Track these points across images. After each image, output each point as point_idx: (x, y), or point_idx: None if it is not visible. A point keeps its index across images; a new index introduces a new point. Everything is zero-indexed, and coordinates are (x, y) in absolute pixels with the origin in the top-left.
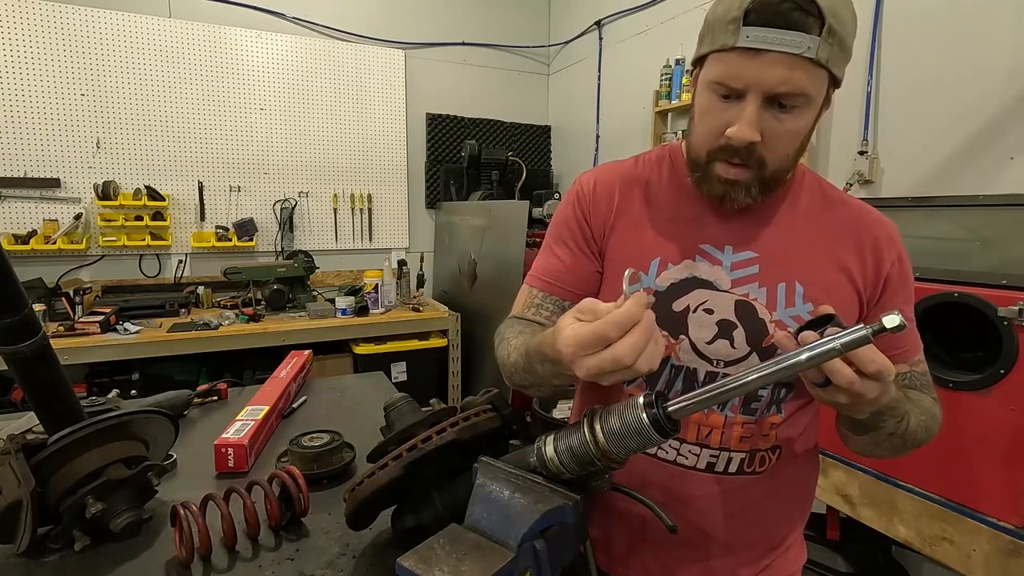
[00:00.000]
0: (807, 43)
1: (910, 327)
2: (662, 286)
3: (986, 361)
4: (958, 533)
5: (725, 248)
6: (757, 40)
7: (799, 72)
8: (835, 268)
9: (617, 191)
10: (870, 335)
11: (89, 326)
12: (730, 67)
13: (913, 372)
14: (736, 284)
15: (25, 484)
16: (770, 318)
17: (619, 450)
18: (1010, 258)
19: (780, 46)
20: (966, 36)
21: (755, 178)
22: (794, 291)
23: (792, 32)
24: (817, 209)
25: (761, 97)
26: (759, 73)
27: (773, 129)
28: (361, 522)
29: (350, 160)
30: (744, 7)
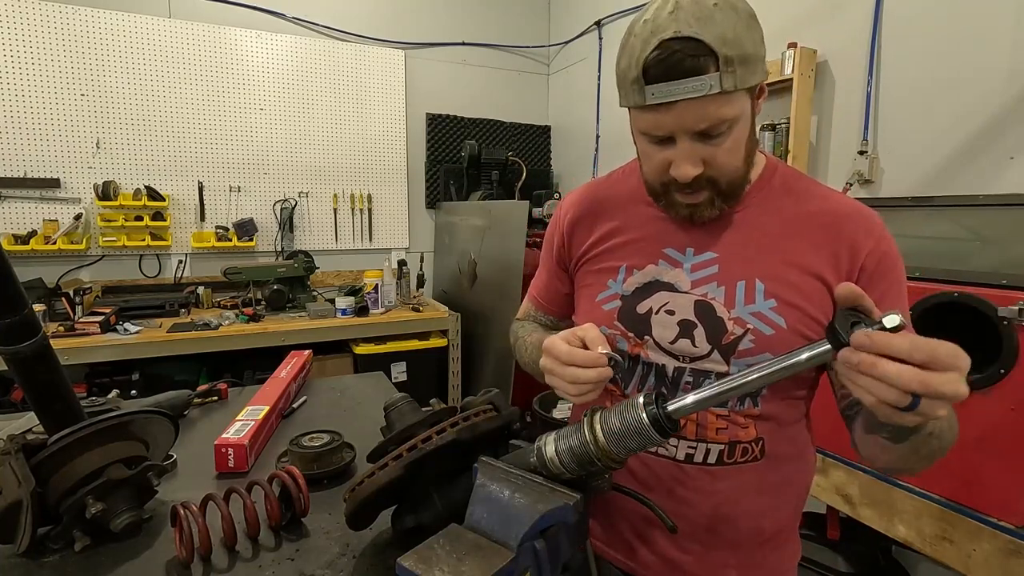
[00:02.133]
0: (708, 82)
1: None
2: (628, 291)
3: (986, 361)
4: (958, 533)
5: (687, 251)
6: (662, 95)
7: (712, 108)
8: (801, 264)
9: (592, 215)
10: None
11: (89, 326)
12: (648, 121)
13: None
14: (696, 285)
15: (25, 484)
16: (728, 315)
17: (619, 450)
18: (1010, 258)
19: (684, 94)
20: (966, 36)
21: (713, 195)
22: (754, 288)
23: (691, 80)
24: (785, 206)
25: (687, 136)
26: (676, 121)
27: (711, 155)
28: (361, 522)
29: (350, 160)
30: (641, 67)
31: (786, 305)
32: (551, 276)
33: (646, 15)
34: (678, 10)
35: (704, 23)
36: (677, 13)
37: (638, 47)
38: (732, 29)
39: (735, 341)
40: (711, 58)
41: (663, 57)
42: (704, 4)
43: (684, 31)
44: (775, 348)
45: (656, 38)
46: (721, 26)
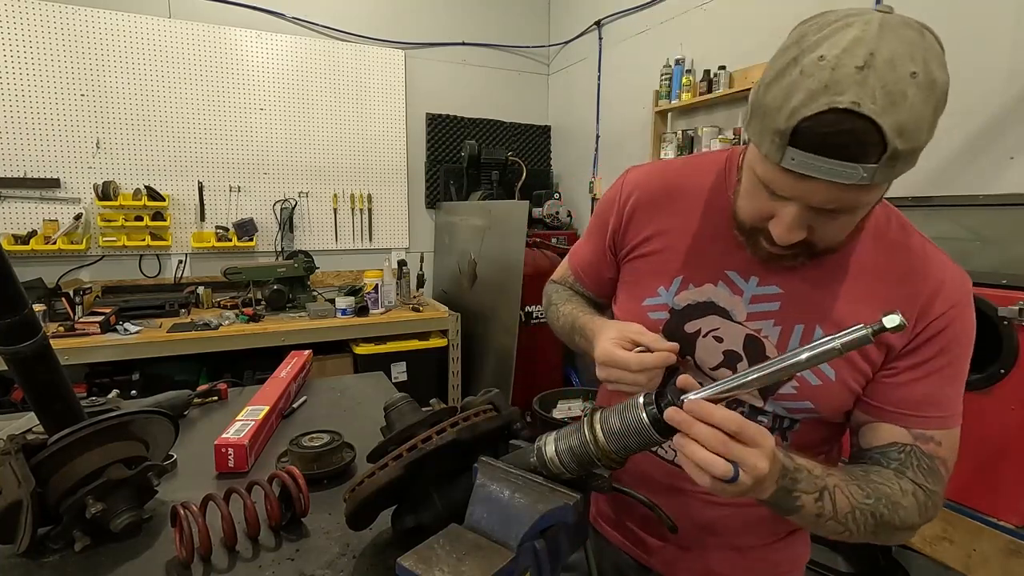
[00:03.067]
0: (860, 173)
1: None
2: (679, 305)
3: (986, 361)
4: (958, 533)
5: (751, 278)
6: (804, 167)
7: (850, 195)
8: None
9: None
10: (870, 335)
11: (89, 326)
12: (773, 178)
13: (915, 447)
14: (751, 318)
15: (25, 484)
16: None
17: (619, 450)
18: (1010, 258)
19: (829, 176)
20: (966, 36)
21: (803, 253)
22: (812, 335)
23: (846, 164)
24: (870, 253)
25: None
26: (803, 193)
27: (820, 227)
28: (361, 522)
29: (350, 160)
30: (793, 123)
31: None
32: (597, 255)
33: (825, 49)
34: (869, 69)
35: (893, 103)
36: (867, 73)
37: (800, 94)
38: (919, 117)
39: (776, 385)
40: (878, 148)
41: (825, 129)
42: (902, 72)
43: (865, 106)
44: (818, 399)
45: (827, 99)
46: (908, 112)
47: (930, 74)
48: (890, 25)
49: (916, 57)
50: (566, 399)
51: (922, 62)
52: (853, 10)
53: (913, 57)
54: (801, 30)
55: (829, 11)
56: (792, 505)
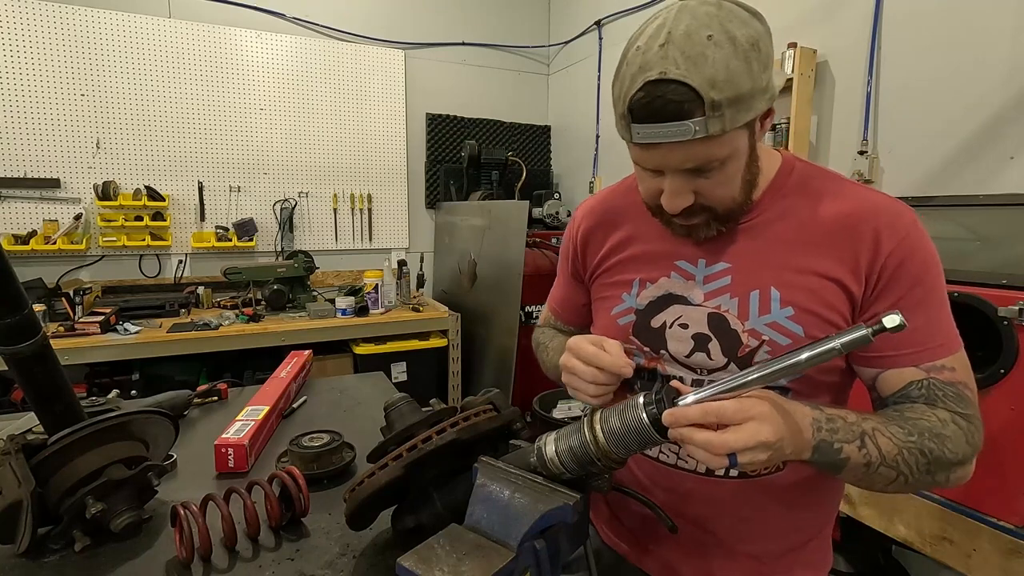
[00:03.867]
0: (692, 127)
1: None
2: (641, 304)
3: (986, 361)
4: (958, 533)
5: (699, 262)
6: (646, 136)
7: (699, 149)
8: (818, 269)
9: (597, 222)
10: (870, 335)
11: (89, 326)
12: (637, 155)
13: (931, 379)
14: (709, 296)
15: (25, 484)
16: (742, 328)
17: (619, 450)
18: (1010, 258)
19: (667, 138)
20: (966, 36)
21: (710, 219)
22: (769, 297)
23: (674, 124)
24: (801, 208)
25: (676, 172)
26: (661, 160)
27: (702, 187)
28: (361, 522)
29: (350, 160)
30: (627, 105)
31: (804, 312)
32: (568, 288)
33: (640, 40)
34: (669, 44)
35: (694, 64)
36: (667, 48)
37: (627, 81)
38: (725, 68)
39: (751, 353)
40: (698, 103)
41: (647, 101)
42: (697, 38)
43: (671, 72)
44: None
45: (642, 76)
46: (713, 67)
47: (727, 32)
48: (687, 7)
49: (712, 25)
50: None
51: (717, 26)
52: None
53: (708, 25)
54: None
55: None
56: (837, 459)
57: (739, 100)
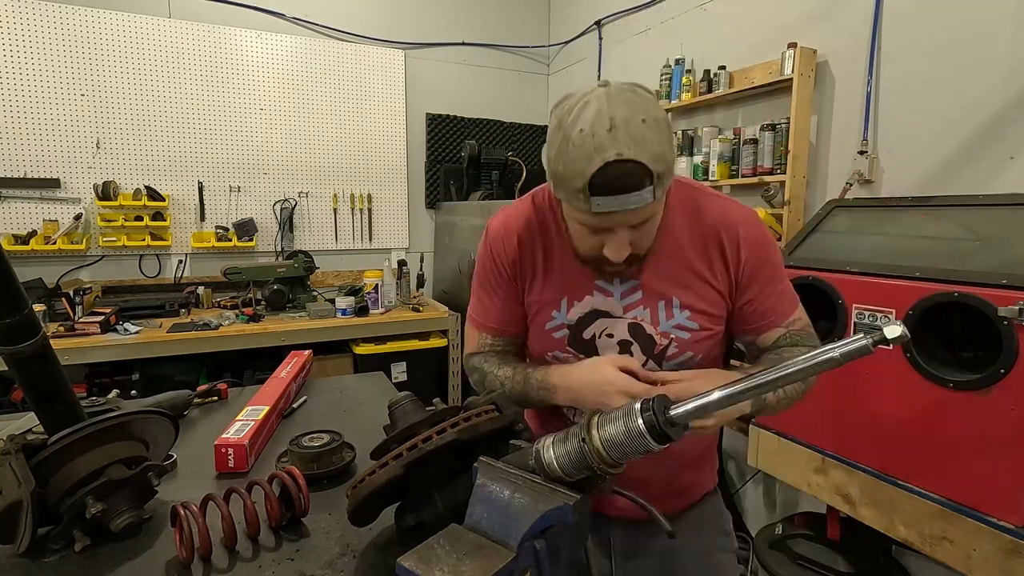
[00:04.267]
0: (646, 195)
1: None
2: (572, 320)
3: (986, 361)
4: (958, 533)
5: (614, 281)
6: (607, 206)
7: (647, 211)
8: (699, 273)
9: (521, 242)
10: (870, 345)
11: (89, 326)
12: (590, 221)
13: (791, 332)
14: (627, 309)
15: (25, 484)
16: (656, 332)
17: (616, 455)
18: (1010, 258)
19: (626, 206)
20: (966, 35)
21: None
22: (671, 304)
23: (633, 194)
24: (685, 224)
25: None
26: (616, 222)
27: (636, 239)
28: (363, 519)
29: (350, 160)
30: (586, 180)
31: (696, 312)
32: (506, 302)
33: (582, 124)
34: (615, 130)
35: (640, 145)
36: (616, 133)
37: (580, 161)
38: (659, 146)
39: (663, 350)
40: (648, 176)
41: (609, 179)
42: (635, 122)
43: (625, 154)
44: (692, 347)
45: (600, 157)
46: (652, 145)
47: (653, 116)
48: (613, 93)
49: (639, 109)
50: None
51: (644, 111)
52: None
53: (637, 110)
54: (557, 115)
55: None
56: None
57: (669, 169)
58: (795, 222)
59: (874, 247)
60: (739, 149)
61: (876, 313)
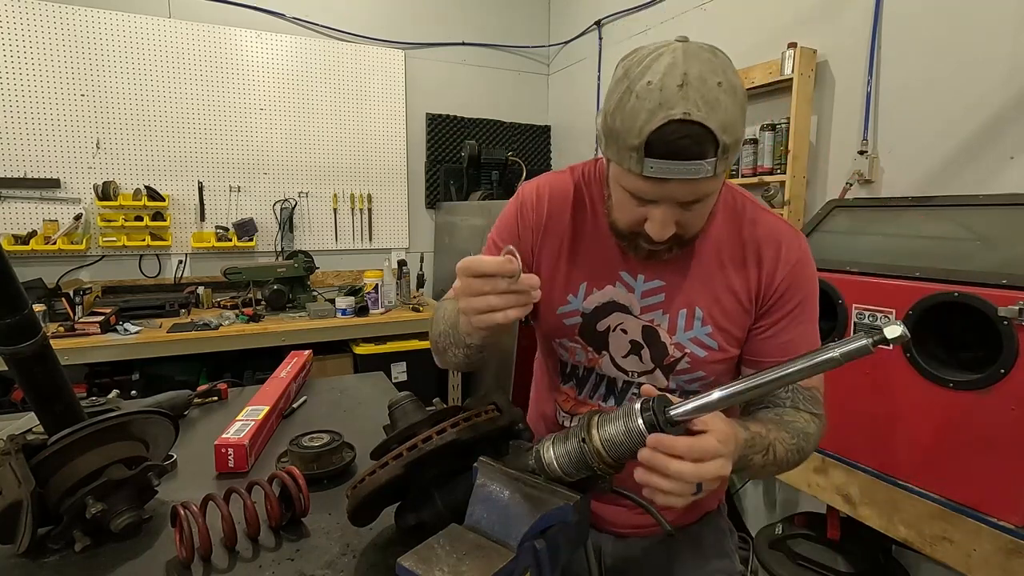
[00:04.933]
0: (706, 168)
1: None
2: (588, 308)
3: (986, 361)
4: (958, 533)
5: (638, 276)
6: (661, 171)
7: (702, 186)
8: (731, 288)
9: (552, 211)
10: (870, 345)
11: (89, 326)
12: (639, 186)
13: (796, 387)
14: (644, 311)
15: (25, 484)
16: (670, 341)
17: (616, 455)
18: (1010, 258)
19: (682, 175)
20: (966, 35)
21: (675, 245)
22: (693, 315)
23: (692, 162)
24: (725, 232)
25: (670, 204)
26: (666, 193)
27: (684, 219)
28: (363, 519)
29: (350, 160)
30: (644, 138)
31: (719, 330)
32: None
33: (650, 76)
34: (687, 87)
35: (712, 108)
36: (687, 90)
37: (642, 116)
38: (731, 115)
39: (674, 363)
40: (712, 145)
41: (670, 138)
42: (710, 84)
43: (694, 114)
44: (705, 367)
45: (664, 113)
46: (724, 113)
47: (731, 82)
48: (691, 51)
49: (717, 71)
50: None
51: (722, 74)
52: (659, 43)
53: (715, 71)
54: (624, 65)
55: (640, 47)
56: (745, 464)
57: (736, 144)
58: (795, 222)
59: (874, 247)
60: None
61: (876, 313)
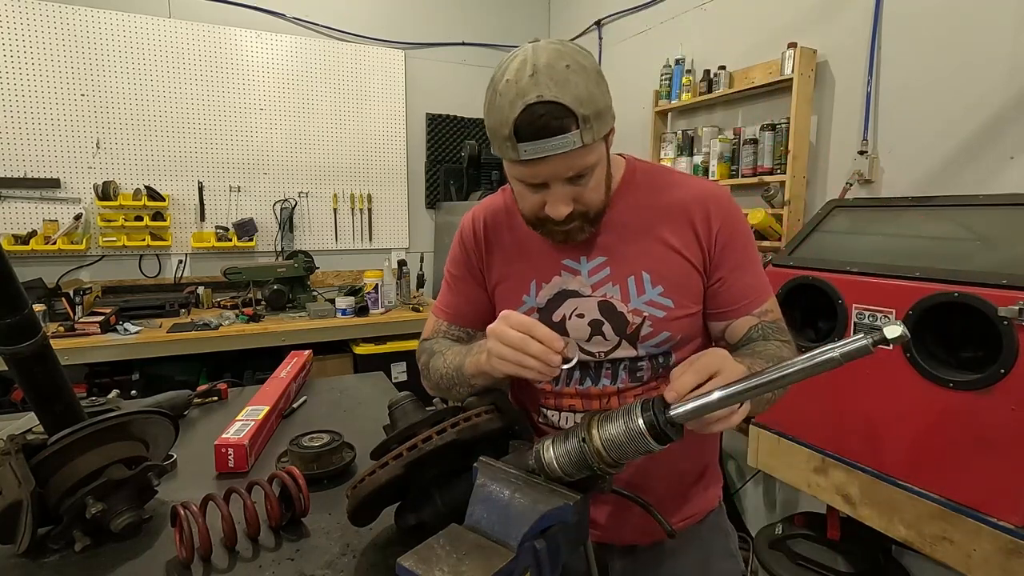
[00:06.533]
0: (572, 139)
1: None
2: (542, 303)
3: (986, 361)
4: (958, 533)
5: (580, 258)
6: (533, 152)
7: (577, 158)
8: (671, 249)
9: (488, 228)
10: (870, 345)
11: (89, 326)
12: (523, 172)
13: (763, 323)
14: (596, 287)
15: (25, 484)
16: (627, 309)
17: (616, 456)
18: (1010, 258)
19: (552, 151)
20: (966, 35)
21: (583, 223)
22: (642, 280)
23: (557, 138)
24: (649, 201)
25: (559, 182)
26: (548, 171)
27: (579, 195)
28: (363, 519)
29: (350, 160)
30: (511, 127)
31: (670, 288)
32: (470, 291)
33: (508, 75)
34: (537, 74)
35: (562, 87)
36: (537, 77)
37: (506, 108)
38: (585, 89)
39: (636, 329)
40: (572, 118)
41: (531, 120)
42: (558, 68)
43: (546, 95)
44: (668, 326)
45: (521, 101)
46: (576, 88)
47: (578, 63)
48: (539, 46)
49: (564, 56)
50: None
51: (569, 57)
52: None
53: (562, 56)
54: (492, 73)
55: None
56: None
57: (600, 115)
58: (795, 222)
59: (874, 247)
60: (739, 149)
61: (876, 313)
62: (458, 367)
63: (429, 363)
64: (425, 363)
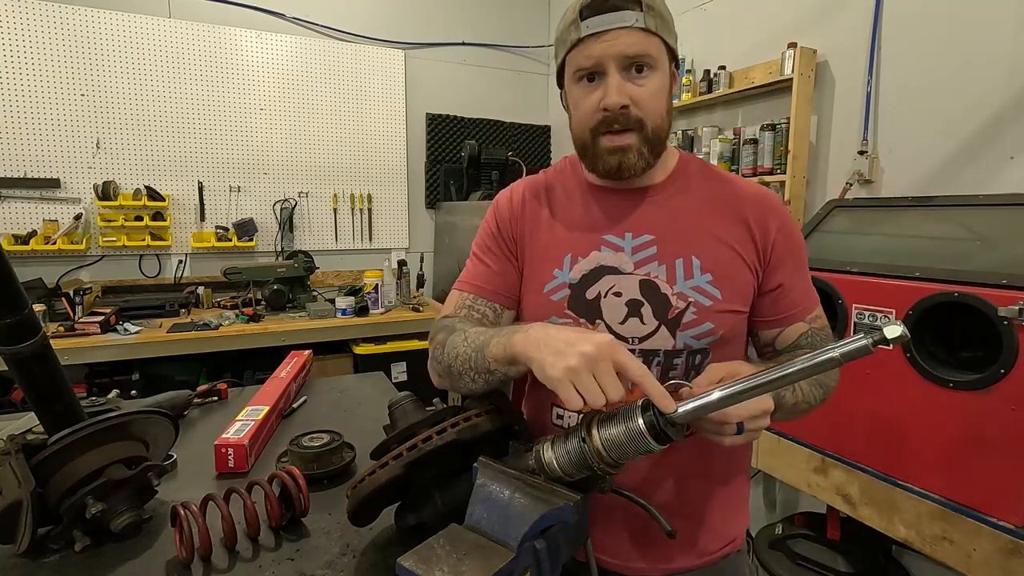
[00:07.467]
0: (634, 16)
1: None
2: (575, 278)
3: (986, 361)
4: (958, 533)
5: (625, 235)
6: (595, 26)
7: (636, 38)
8: (723, 241)
9: (527, 200)
10: (870, 345)
11: (89, 326)
12: (583, 53)
13: (813, 329)
14: (638, 265)
15: (25, 484)
16: (672, 291)
17: (616, 455)
18: (1010, 258)
19: (613, 24)
20: (966, 35)
21: (640, 140)
22: (691, 264)
23: (619, 12)
24: (704, 190)
25: (617, 66)
26: (607, 47)
27: (637, 92)
28: (363, 519)
29: (350, 160)
30: (578, 9)
31: (720, 278)
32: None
33: None
34: None
35: None
36: None
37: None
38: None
39: (679, 315)
40: (636, 3)
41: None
42: None
43: None
44: (713, 318)
45: None
46: None
47: None
48: None
49: None
50: None
51: None
52: None
53: None
54: None
55: None
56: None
57: (664, 20)
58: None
59: (874, 247)
60: (739, 149)
61: (876, 313)
62: (479, 347)
63: (446, 341)
64: (441, 341)
